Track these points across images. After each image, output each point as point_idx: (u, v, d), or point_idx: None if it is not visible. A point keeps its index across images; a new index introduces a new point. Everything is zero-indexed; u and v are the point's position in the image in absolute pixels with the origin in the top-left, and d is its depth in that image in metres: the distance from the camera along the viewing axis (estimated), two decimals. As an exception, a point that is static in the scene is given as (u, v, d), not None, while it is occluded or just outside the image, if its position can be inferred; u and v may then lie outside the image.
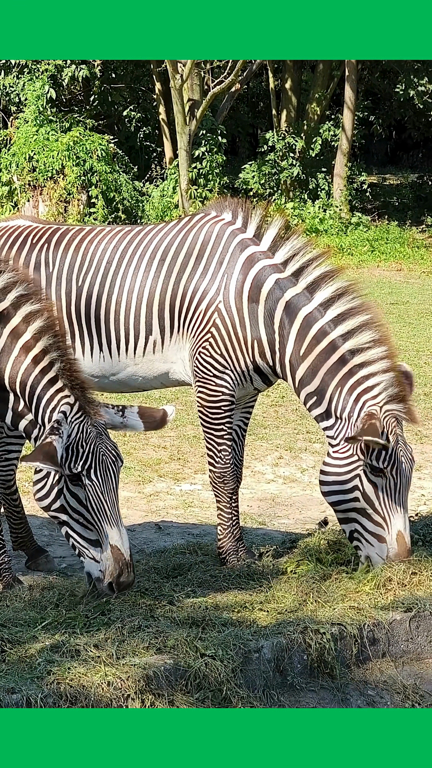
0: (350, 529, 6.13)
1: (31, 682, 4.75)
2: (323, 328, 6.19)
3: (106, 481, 5.46)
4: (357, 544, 6.13)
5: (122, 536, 5.45)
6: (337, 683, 5.42)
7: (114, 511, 5.46)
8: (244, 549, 6.64)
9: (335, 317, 6.19)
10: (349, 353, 6.15)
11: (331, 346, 6.17)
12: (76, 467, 5.42)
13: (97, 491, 5.44)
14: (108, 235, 6.74)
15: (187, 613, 5.49)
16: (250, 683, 5.14)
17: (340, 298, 6.22)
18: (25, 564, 6.92)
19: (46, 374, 5.57)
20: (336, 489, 6.09)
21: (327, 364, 6.16)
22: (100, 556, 5.45)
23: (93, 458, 5.43)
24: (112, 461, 5.50)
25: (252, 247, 6.41)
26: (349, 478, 6.04)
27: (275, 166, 26.63)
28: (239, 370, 6.41)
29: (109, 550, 5.42)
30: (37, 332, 5.62)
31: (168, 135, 26.64)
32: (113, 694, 4.78)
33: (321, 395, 6.19)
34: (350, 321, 6.18)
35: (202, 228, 6.55)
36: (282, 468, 9.55)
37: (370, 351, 6.13)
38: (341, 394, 6.13)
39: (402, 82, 27.45)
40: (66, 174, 22.47)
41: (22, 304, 5.67)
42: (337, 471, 6.08)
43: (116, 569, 5.41)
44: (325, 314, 6.20)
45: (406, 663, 5.70)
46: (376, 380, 6.09)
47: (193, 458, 9.67)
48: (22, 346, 5.61)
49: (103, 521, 5.44)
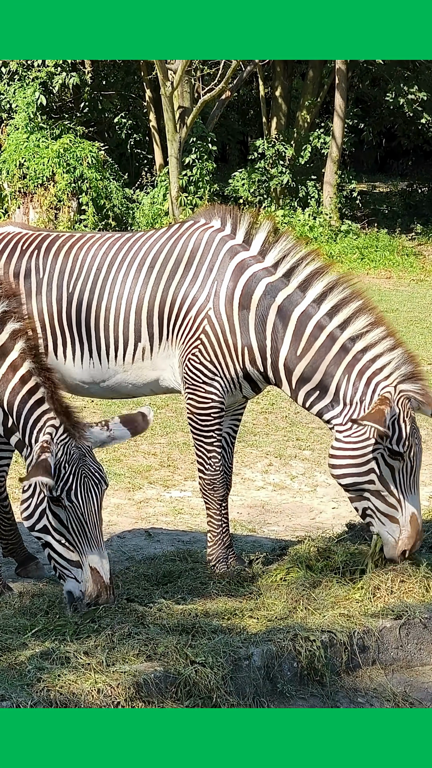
0: (363, 506, 6.18)
1: (20, 689, 4.75)
2: (319, 322, 6.24)
3: (87, 504, 5.45)
4: (369, 521, 6.19)
5: (102, 559, 5.44)
6: (327, 690, 5.42)
7: (95, 534, 5.45)
8: (234, 556, 6.64)
9: (329, 310, 6.25)
10: (349, 341, 6.21)
11: (329, 338, 6.22)
12: (57, 488, 5.42)
13: (77, 513, 5.43)
14: (97, 242, 6.75)
15: (177, 621, 5.49)
16: (240, 690, 5.14)
17: (332, 291, 6.28)
18: (15, 571, 6.91)
19: (33, 395, 5.60)
20: (351, 471, 6.12)
21: (329, 357, 6.20)
22: (81, 577, 5.45)
23: (74, 480, 5.43)
24: (95, 483, 5.49)
25: (242, 253, 6.42)
26: (366, 461, 6.09)
27: (265, 173, 26.66)
28: (229, 377, 6.42)
29: (89, 573, 5.41)
30: (23, 351, 5.62)
31: (158, 142, 26.65)
32: (103, 701, 4.78)
33: (324, 388, 6.22)
34: (344, 310, 6.24)
35: (192, 235, 6.56)
36: (272, 475, 9.55)
37: (369, 334, 6.20)
38: (349, 380, 6.17)
39: (392, 90, 27.51)
40: (56, 181, 22.47)
41: (8, 320, 5.67)
42: (352, 454, 6.11)
43: (95, 591, 5.41)
44: (319, 309, 6.25)
45: (396, 670, 5.71)
46: (384, 360, 6.16)
47: (183, 465, 9.67)
48: (9, 365, 5.62)
49: (84, 543, 5.43)
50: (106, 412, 11.03)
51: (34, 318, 6.38)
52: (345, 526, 7.25)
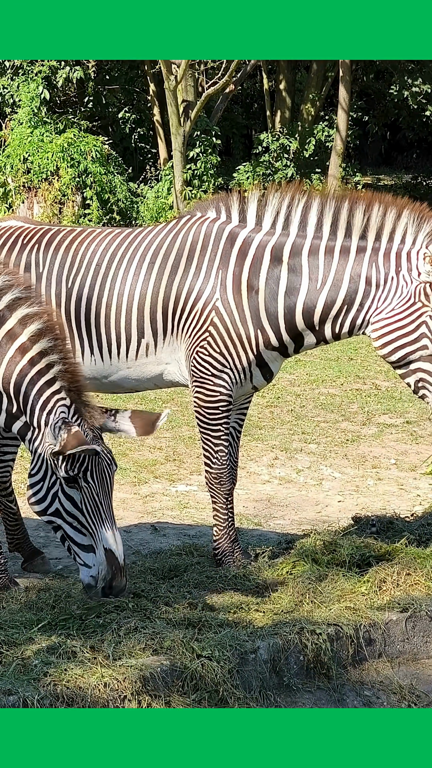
0: (415, 379, 6.25)
1: (27, 684, 4.75)
2: (330, 246, 6.32)
3: (102, 484, 5.44)
4: (424, 393, 6.25)
5: (117, 540, 5.43)
6: (334, 684, 5.43)
7: (109, 515, 5.44)
8: (240, 550, 6.64)
9: (336, 231, 6.34)
10: (360, 240, 6.31)
11: (344, 250, 6.31)
12: (73, 469, 5.40)
13: (93, 494, 5.42)
14: (98, 237, 6.74)
15: (184, 615, 5.49)
16: (247, 684, 5.14)
17: (323, 215, 6.38)
18: (21, 566, 6.91)
19: (43, 376, 5.53)
20: (401, 343, 6.20)
21: (354, 263, 6.28)
22: (93, 561, 5.44)
23: (89, 460, 5.42)
24: (108, 465, 5.49)
25: (241, 233, 6.45)
26: (415, 327, 6.15)
27: (269, 167, 26.62)
28: (240, 367, 6.42)
29: (103, 553, 5.41)
30: (34, 335, 5.58)
31: (162, 136, 26.61)
32: (110, 695, 4.78)
33: (351, 301, 6.27)
34: (344, 220, 6.33)
35: (191, 229, 6.56)
36: (277, 469, 9.55)
37: (372, 222, 6.28)
38: (388, 268, 6.22)
39: (396, 83, 27.44)
40: (60, 175, 22.45)
41: (18, 306, 5.63)
42: (399, 325, 6.18)
43: (109, 573, 5.39)
44: (324, 236, 6.35)
45: (403, 663, 5.71)
46: (402, 231, 6.27)
47: (189, 459, 9.67)
48: (17, 348, 5.57)
49: (99, 524, 5.41)
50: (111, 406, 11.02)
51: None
52: (351, 520, 7.26)
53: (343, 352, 14.76)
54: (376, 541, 6.53)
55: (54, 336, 5.61)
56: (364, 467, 9.68)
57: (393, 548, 6.39)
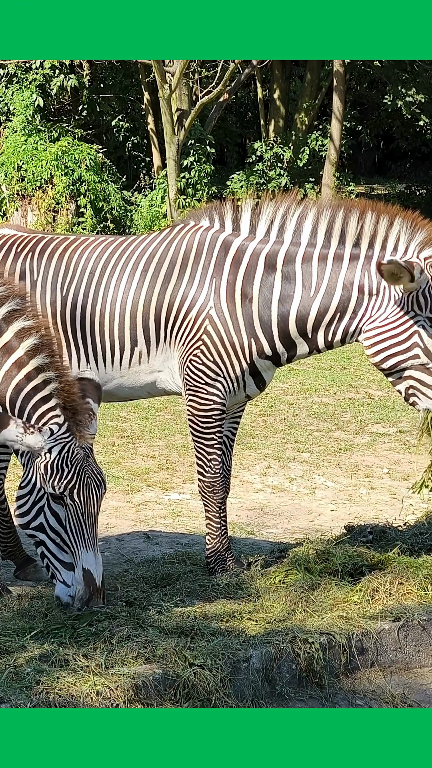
0: (406, 386, 6.26)
1: (19, 692, 4.75)
2: (323, 254, 6.34)
3: (87, 504, 5.43)
4: (414, 400, 6.27)
5: (97, 561, 5.42)
6: (326, 693, 5.43)
7: (92, 535, 5.43)
8: (232, 559, 6.64)
9: (330, 239, 6.35)
10: (354, 248, 6.31)
11: (337, 258, 6.32)
12: (60, 486, 5.41)
13: (77, 512, 5.41)
14: (92, 245, 6.74)
15: (176, 623, 5.49)
16: (239, 693, 5.14)
17: (318, 223, 6.40)
18: (13, 573, 6.91)
19: (38, 392, 5.52)
20: (393, 351, 6.22)
21: (347, 270, 6.30)
22: (71, 580, 5.43)
23: (77, 479, 5.42)
24: (96, 486, 5.48)
25: (235, 241, 6.46)
26: (407, 336, 6.18)
27: (263, 176, 26.67)
28: (233, 376, 6.43)
29: (81, 573, 5.40)
30: (30, 349, 5.57)
31: (156, 145, 26.66)
32: (102, 703, 4.77)
33: (344, 308, 6.28)
34: (334, 229, 6.35)
35: (184, 238, 6.57)
36: (270, 477, 9.56)
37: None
38: (370, 275, 6.24)
39: (390, 93, 27.52)
40: (54, 183, 22.48)
41: (14, 319, 5.62)
42: (392, 333, 6.20)
43: (86, 594, 5.38)
44: (318, 244, 6.36)
45: (395, 672, 5.71)
46: (392, 240, 6.26)
47: (182, 467, 9.67)
48: (14, 362, 5.56)
49: (80, 543, 5.41)
50: (104, 414, 11.04)
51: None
52: (343, 528, 7.26)
53: (337, 361, 14.78)
54: (369, 550, 6.53)
55: (51, 352, 5.61)
56: (357, 476, 9.70)
57: (385, 557, 6.40)
